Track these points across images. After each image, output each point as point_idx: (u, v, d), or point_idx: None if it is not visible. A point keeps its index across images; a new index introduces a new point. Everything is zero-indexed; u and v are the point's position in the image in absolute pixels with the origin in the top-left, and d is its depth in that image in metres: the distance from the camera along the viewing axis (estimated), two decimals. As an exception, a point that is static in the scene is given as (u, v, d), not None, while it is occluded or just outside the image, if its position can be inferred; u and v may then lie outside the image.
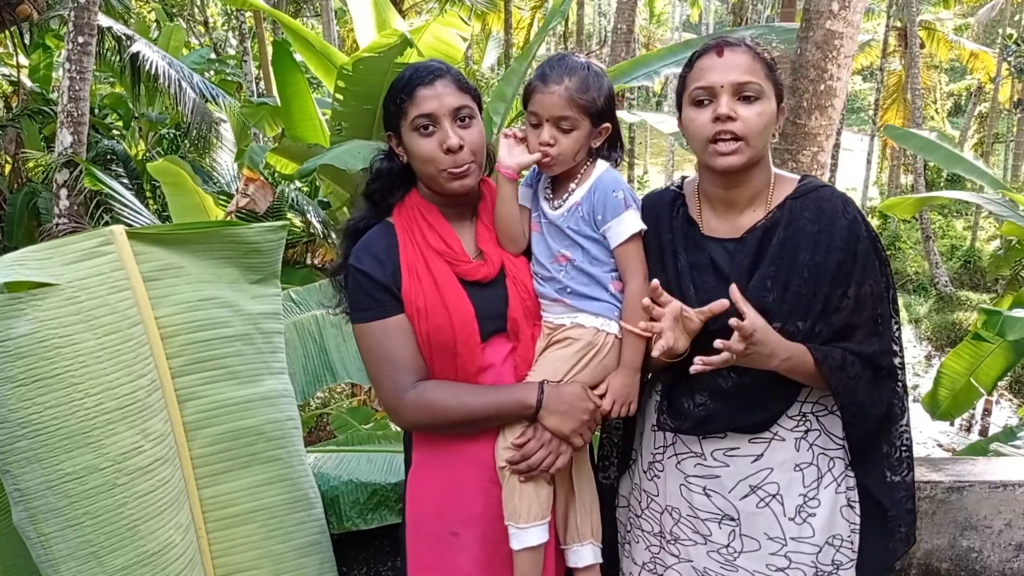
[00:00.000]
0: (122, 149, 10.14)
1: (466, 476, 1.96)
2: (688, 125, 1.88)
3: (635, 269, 1.93)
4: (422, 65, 1.94)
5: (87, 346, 1.83)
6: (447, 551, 1.97)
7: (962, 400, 6.36)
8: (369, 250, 1.94)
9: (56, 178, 7.58)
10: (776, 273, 1.85)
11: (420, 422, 1.96)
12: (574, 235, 1.93)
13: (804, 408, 1.92)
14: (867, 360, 1.88)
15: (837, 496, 1.94)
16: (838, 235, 1.85)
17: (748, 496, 1.92)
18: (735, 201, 1.93)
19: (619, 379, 1.94)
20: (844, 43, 4.67)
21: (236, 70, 16.84)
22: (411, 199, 2.00)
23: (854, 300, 1.86)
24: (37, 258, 1.86)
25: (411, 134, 1.90)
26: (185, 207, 5.90)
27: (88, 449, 1.82)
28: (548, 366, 1.94)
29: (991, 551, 2.76)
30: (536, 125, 1.91)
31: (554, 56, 1.96)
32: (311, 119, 7.34)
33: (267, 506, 2.20)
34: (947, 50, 27.66)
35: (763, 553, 1.92)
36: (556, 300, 1.95)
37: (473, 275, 1.93)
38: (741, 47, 1.84)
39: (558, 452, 1.89)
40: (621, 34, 12.65)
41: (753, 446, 1.91)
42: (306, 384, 3.08)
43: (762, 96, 1.82)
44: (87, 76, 7.33)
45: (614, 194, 1.91)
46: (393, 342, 1.91)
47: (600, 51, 29.62)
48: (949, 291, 21.79)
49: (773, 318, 1.82)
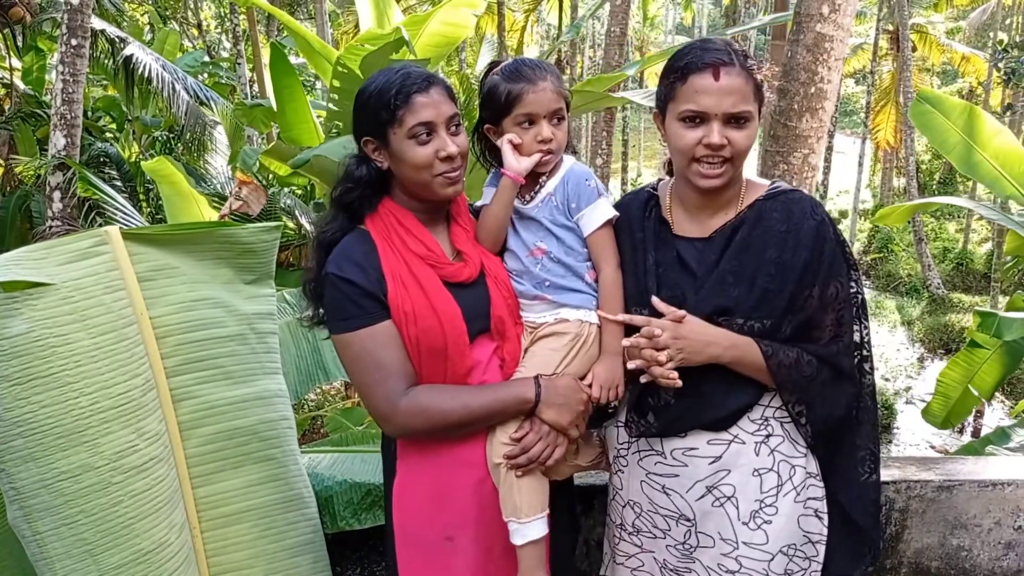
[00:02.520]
0: (115, 152, 10.11)
1: (458, 479, 1.95)
2: (674, 138, 1.90)
3: (608, 256, 1.99)
4: (412, 71, 1.92)
5: (82, 345, 1.84)
6: (441, 557, 1.96)
7: (961, 408, 6.39)
8: (349, 258, 1.92)
9: (49, 181, 7.56)
10: (739, 268, 1.88)
11: (417, 428, 1.92)
12: (550, 224, 1.97)
13: (767, 412, 1.94)
14: (826, 361, 1.90)
15: (796, 505, 1.94)
16: (806, 235, 1.88)
17: (704, 496, 1.94)
18: (708, 205, 1.98)
19: (602, 366, 1.98)
20: (834, 46, 4.71)
21: (230, 73, 16.82)
22: (385, 206, 1.99)
23: (818, 300, 1.89)
24: (32, 258, 1.87)
25: (407, 141, 1.88)
26: (179, 205, 5.91)
27: (83, 448, 1.83)
28: (538, 360, 1.96)
29: (981, 549, 2.78)
30: (531, 125, 1.95)
31: (515, 60, 2.00)
32: (306, 122, 7.35)
33: (261, 505, 2.21)
34: (939, 53, 27.75)
35: (716, 552, 1.94)
36: (537, 297, 1.99)
37: (457, 277, 1.94)
38: (735, 68, 1.83)
39: (555, 444, 1.92)
40: (614, 37, 12.65)
41: (712, 447, 1.93)
42: (299, 384, 3.09)
43: (751, 119, 1.85)
44: (80, 79, 7.32)
45: (587, 183, 1.98)
46: (382, 349, 1.89)
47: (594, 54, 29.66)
48: (942, 293, 21.84)
49: (735, 314, 1.86)
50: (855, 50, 28.55)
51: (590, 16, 9.50)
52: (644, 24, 37.98)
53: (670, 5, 43.38)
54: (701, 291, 1.91)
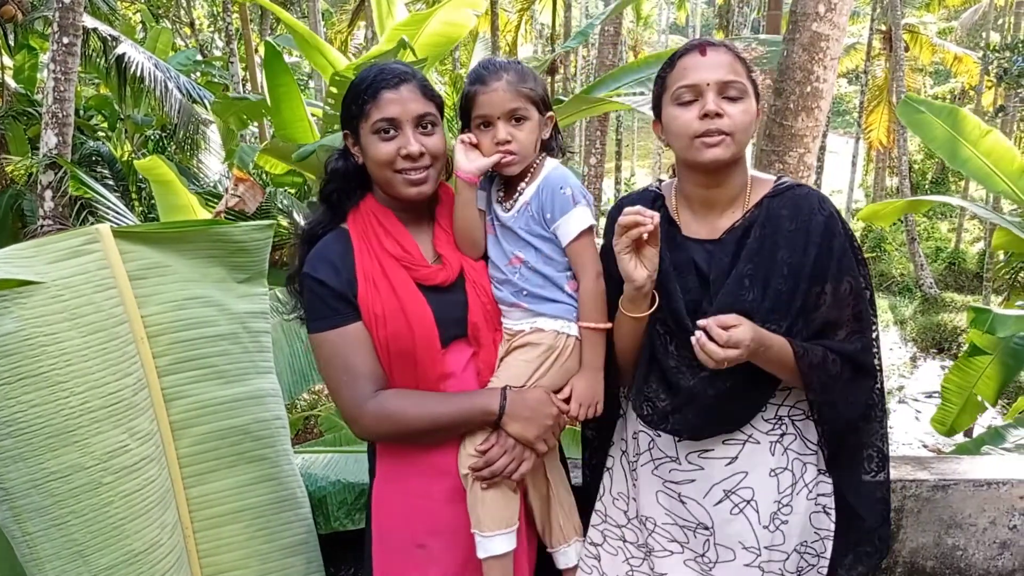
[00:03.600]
0: (107, 150, 10.07)
1: (431, 486, 1.93)
2: (671, 124, 1.87)
3: (588, 266, 1.91)
4: (388, 67, 1.91)
5: (72, 344, 1.82)
6: (414, 565, 1.94)
7: (967, 414, 6.41)
8: (324, 257, 1.90)
9: (40, 179, 7.53)
10: (754, 271, 1.85)
11: (382, 432, 1.92)
12: (526, 235, 1.92)
13: (780, 411, 1.92)
14: (848, 358, 1.87)
15: (808, 503, 1.93)
16: (814, 231, 1.86)
17: (722, 502, 1.90)
18: (715, 202, 1.93)
19: (582, 381, 1.93)
20: (830, 45, 4.71)
21: (223, 71, 16.79)
22: (366, 204, 1.97)
23: (832, 297, 1.86)
24: (22, 256, 1.85)
25: (370, 136, 1.88)
26: (172, 204, 5.88)
27: (73, 448, 1.81)
28: (510, 371, 1.93)
29: (976, 549, 2.78)
30: (487, 127, 1.91)
31: (481, 62, 1.97)
32: (301, 120, 7.32)
33: (254, 505, 2.19)
34: (931, 53, 27.86)
35: (738, 564, 1.90)
36: (514, 304, 1.94)
37: (431, 279, 1.91)
38: (722, 47, 1.85)
39: (521, 458, 1.88)
40: (608, 36, 12.67)
41: (727, 448, 1.90)
42: (293, 383, 3.07)
43: (745, 95, 1.83)
44: (72, 77, 7.29)
45: (562, 191, 1.90)
46: (351, 351, 1.87)
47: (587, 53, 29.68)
48: (934, 293, 21.93)
49: (753, 317, 1.81)
50: (848, 50, 28.62)
51: (599, 22, 9.44)
52: (638, 24, 38.01)
53: (663, 5, 43.41)
54: (717, 295, 1.86)
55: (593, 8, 44.60)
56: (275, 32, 20.05)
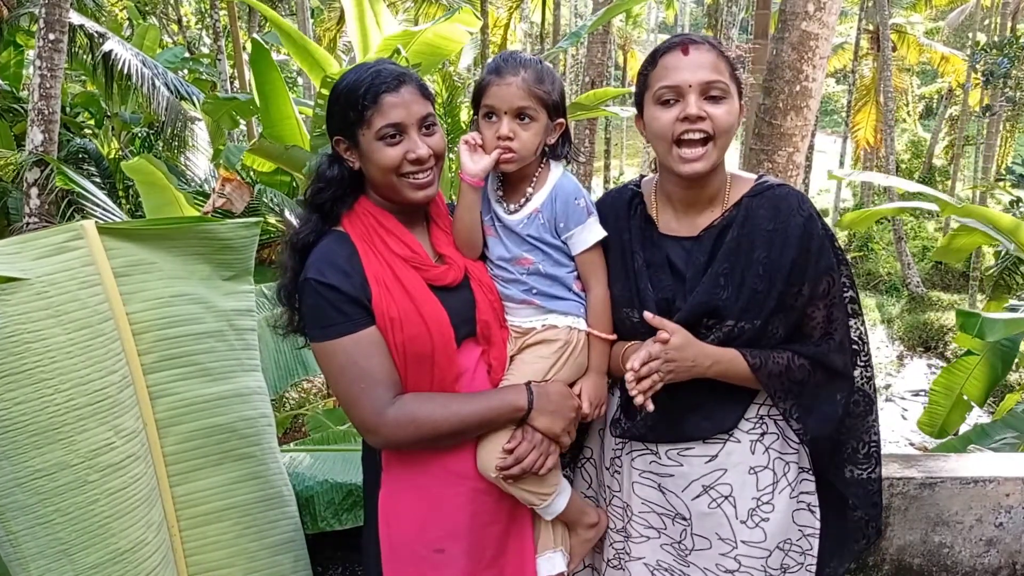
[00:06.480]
0: (94, 148, 10.00)
1: (448, 490, 1.91)
2: (652, 124, 1.86)
3: (598, 275, 1.95)
4: (384, 69, 1.85)
5: (57, 341, 1.81)
6: (430, 570, 1.92)
7: (956, 415, 6.42)
8: (331, 261, 1.83)
9: (26, 177, 7.49)
10: (730, 270, 1.85)
11: (404, 439, 1.84)
12: (535, 242, 1.92)
13: (761, 411, 1.93)
14: (818, 362, 1.88)
15: (791, 501, 1.94)
16: (793, 232, 1.86)
17: (700, 496, 1.92)
18: (694, 201, 1.94)
19: (590, 383, 1.97)
20: (819, 44, 4.72)
21: (210, 69, 16.70)
22: (361, 206, 1.92)
23: (808, 297, 1.87)
24: (6, 252, 1.83)
25: (375, 143, 1.82)
26: (159, 205, 5.81)
27: (58, 445, 1.80)
28: (528, 367, 1.93)
29: (962, 546, 2.79)
30: (492, 120, 1.88)
31: (503, 53, 1.94)
32: (288, 119, 7.28)
33: (240, 503, 2.18)
34: (918, 53, 27.98)
35: (713, 553, 1.92)
36: (524, 302, 1.95)
37: (442, 280, 1.89)
38: (705, 45, 1.83)
39: (548, 452, 1.88)
40: (597, 35, 12.67)
41: (708, 446, 1.92)
42: (278, 379, 3.06)
43: (728, 95, 1.82)
44: (58, 73, 7.25)
45: (576, 202, 1.91)
46: (367, 357, 1.81)
47: (576, 51, 29.69)
48: (921, 292, 22.01)
49: (726, 316, 1.83)
50: (836, 50, 28.71)
51: (591, 29, 9.43)
52: (627, 22, 38.02)
53: (652, 3, 43.45)
54: (691, 293, 1.87)
55: (582, 7, 44.59)
56: (263, 29, 19.95)
